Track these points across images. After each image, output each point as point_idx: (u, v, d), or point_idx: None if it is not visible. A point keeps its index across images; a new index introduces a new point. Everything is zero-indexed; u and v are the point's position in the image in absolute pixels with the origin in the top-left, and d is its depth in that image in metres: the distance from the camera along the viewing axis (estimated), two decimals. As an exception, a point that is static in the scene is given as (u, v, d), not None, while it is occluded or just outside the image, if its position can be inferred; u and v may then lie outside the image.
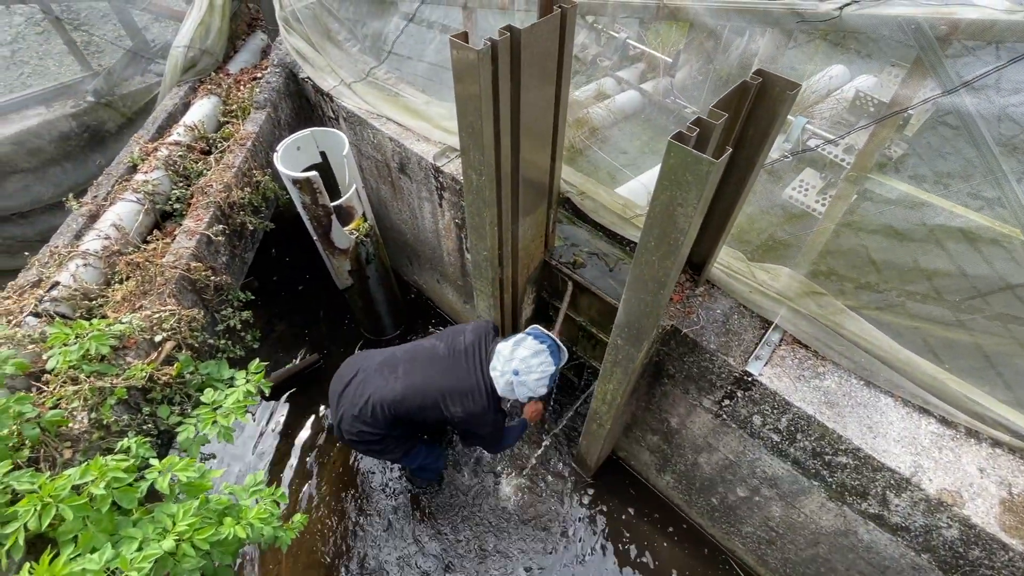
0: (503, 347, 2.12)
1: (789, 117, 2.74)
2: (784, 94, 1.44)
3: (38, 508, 1.40)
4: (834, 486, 1.96)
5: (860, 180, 1.81)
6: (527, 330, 2.20)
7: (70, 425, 1.78)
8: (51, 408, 1.78)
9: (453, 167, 2.73)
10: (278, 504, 1.88)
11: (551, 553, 3.00)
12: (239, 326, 2.60)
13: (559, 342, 2.17)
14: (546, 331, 2.19)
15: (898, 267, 1.97)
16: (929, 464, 1.70)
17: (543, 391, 2.11)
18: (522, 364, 2.06)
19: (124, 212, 2.51)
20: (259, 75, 3.45)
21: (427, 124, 2.83)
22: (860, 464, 1.79)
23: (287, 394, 3.68)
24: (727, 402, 2.14)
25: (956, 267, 1.79)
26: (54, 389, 1.83)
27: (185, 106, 3.27)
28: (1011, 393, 1.73)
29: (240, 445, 3.42)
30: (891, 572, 2.01)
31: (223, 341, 2.51)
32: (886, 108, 1.62)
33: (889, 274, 1.98)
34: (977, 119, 1.42)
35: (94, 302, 2.19)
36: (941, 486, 1.65)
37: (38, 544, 1.58)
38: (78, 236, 2.42)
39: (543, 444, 3.38)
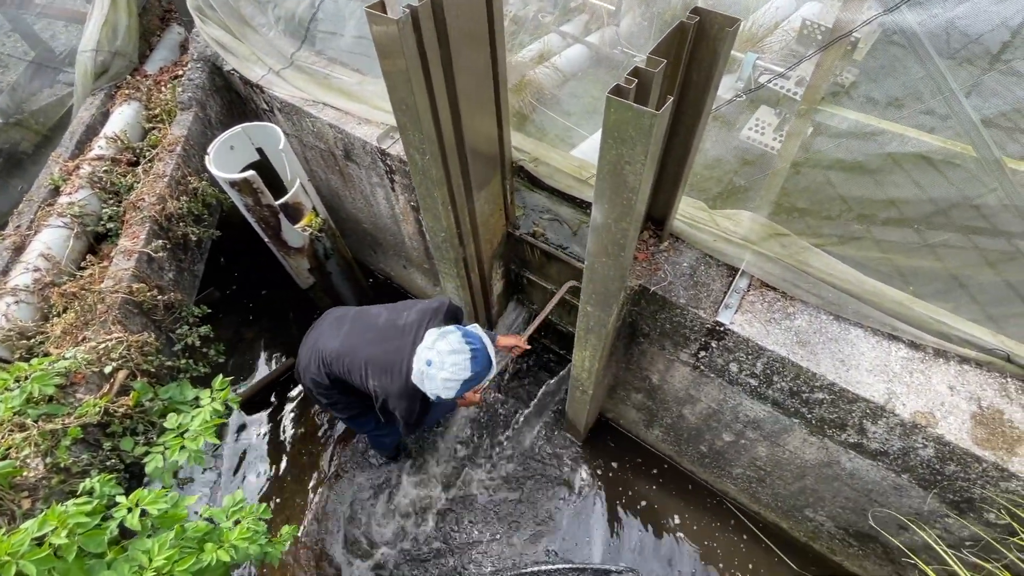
0: (431, 333, 1.94)
1: (739, 54, 2.66)
2: (724, 31, 1.37)
3: (-4, 569, 1.32)
4: (814, 421, 1.99)
5: (811, 113, 1.76)
6: (469, 326, 2.01)
7: (25, 474, 1.68)
8: (1, 459, 1.68)
9: (399, 148, 2.60)
10: (263, 520, 1.83)
11: (556, 511, 3.04)
12: (198, 343, 2.48)
13: (493, 356, 1.94)
14: (486, 338, 1.96)
15: (858, 199, 1.95)
16: (901, 389, 1.72)
17: (449, 395, 1.88)
18: (436, 356, 1.85)
19: (52, 239, 2.34)
20: (180, 73, 3.21)
21: (364, 105, 2.68)
22: (836, 398, 1.81)
23: (268, 400, 3.59)
24: (703, 354, 2.13)
25: (914, 192, 1.78)
26: (1, 439, 1.72)
27: (104, 116, 3.03)
28: (979, 309, 1.74)
29: (233, 457, 3.34)
30: (875, 494, 2.08)
31: (183, 361, 2.40)
32: (829, 36, 1.56)
33: (850, 207, 1.96)
34: (923, 37, 1.37)
35: (33, 340, 2.05)
36: (914, 409, 1.68)
37: (9, 602, 1.51)
38: (5, 272, 2.25)
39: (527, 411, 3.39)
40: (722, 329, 1.94)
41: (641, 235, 2.19)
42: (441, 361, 1.84)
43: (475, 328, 2.00)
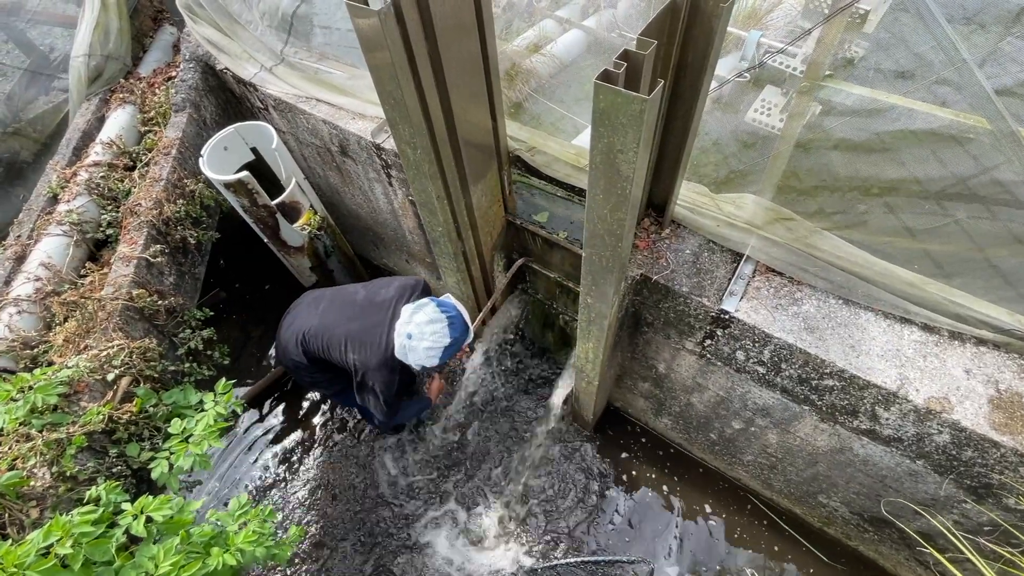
0: (406, 308, 2.04)
1: (741, 32, 2.56)
2: (718, 7, 1.30)
3: (4, 580, 1.33)
4: (824, 409, 1.94)
5: (814, 89, 1.69)
6: (439, 298, 2.10)
7: (31, 484, 1.69)
8: (7, 470, 1.69)
9: (393, 142, 2.56)
10: (269, 522, 1.83)
11: (561, 499, 3.04)
12: (202, 346, 2.49)
13: (467, 319, 2.06)
14: (459, 305, 2.08)
15: (866, 179, 1.88)
16: (915, 374, 1.66)
17: (433, 363, 2.00)
18: (416, 329, 1.96)
19: (52, 248, 2.34)
20: (173, 74, 3.19)
21: (357, 100, 2.63)
22: (847, 385, 1.76)
23: (271, 401, 3.60)
24: (708, 342, 2.09)
25: (925, 169, 1.70)
26: (7, 449, 1.74)
27: (100, 121, 3.02)
28: (994, 289, 1.67)
29: (238, 463, 3.37)
30: (889, 480, 2.03)
31: (187, 364, 2.41)
32: (833, 7, 1.48)
33: (858, 187, 1.89)
34: (931, 3, 1.29)
35: (36, 350, 2.06)
36: (928, 394, 1.63)
37: (21, 611, 1.52)
38: (7, 282, 2.26)
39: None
40: (727, 317, 1.89)
41: (641, 222, 2.14)
42: (421, 332, 1.95)
43: (448, 297, 2.10)
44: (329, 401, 3.54)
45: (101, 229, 2.49)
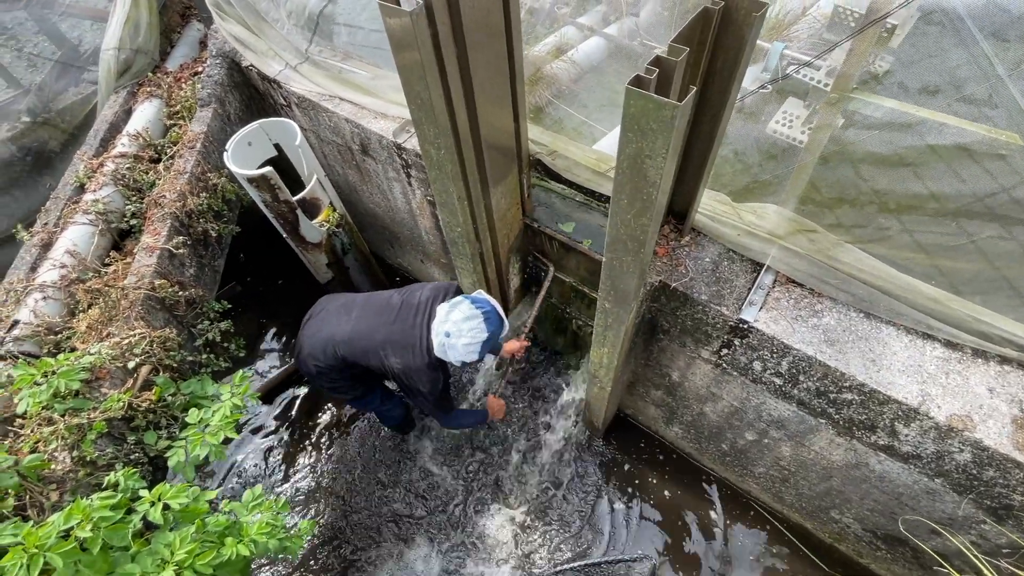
0: (442, 308, 2.07)
1: (764, 43, 2.56)
2: (750, 16, 1.30)
3: (25, 561, 1.35)
4: (841, 422, 1.92)
5: (842, 101, 1.68)
6: (472, 295, 2.13)
7: (52, 467, 1.72)
8: (29, 452, 1.72)
9: (414, 142, 2.58)
10: (282, 515, 1.85)
11: (567, 504, 3.03)
12: (219, 338, 2.51)
13: (501, 313, 2.09)
14: (493, 300, 2.10)
15: (892, 193, 1.86)
16: (936, 391, 1.64)
17: (473, 358, 2.04)
18: (453, 327, 1.99)
19: (77, 236, 2.38)
20: (200, 69, 3.24)
21: (380, 100, 2.66)
22: (866, 399, 1.74)
23: (287, 395, 3.63)
24: (725, 351, 2.07)
25: (953, 185, 1.68)
26: (30, 432, 1.77)
27: (127, 113, 3.07)
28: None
29: (253, 452, 3.40)
30: (905, 498, 2.00)
31: (205, 356, 2.43)
32: (863, 20, 1.48)
33: (883, 200, 1.87)
34: (965, 17, 1.28)
35: (60, 335, 2.10)
36: (950, 412, 1.60)
37: (39, 591, 1.55)
38: (33, 268, 2.31)
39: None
40: (746, 327, 1.88)
41: (661, 229, 2.13)
42: (458, 329, 1.98)
43: (480, 293, 2.13)
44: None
45: (125, 219, 2.53)
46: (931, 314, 1.71)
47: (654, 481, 3.12)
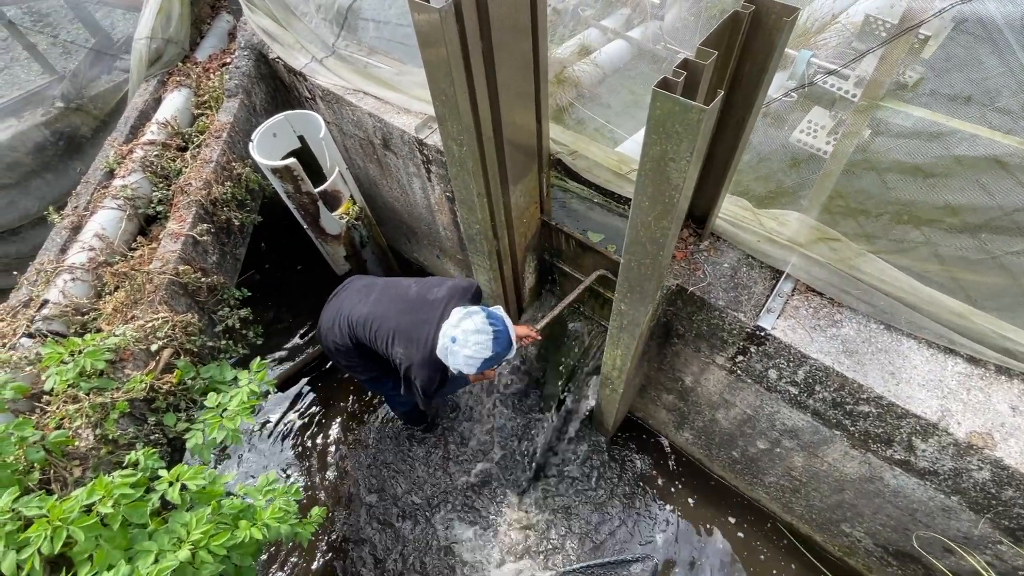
0: (456, 312, 2.01)
1: (791, 51, 2.53)
2: (781, 21, 1.29)
3: (49, 532, 1.40)
4: (857, 435, 1.89)
5: (871, 109, 1.65)
6: (492, 308, 2.08)
7: (76, 444, 1.77)
8: (55, 429, 1.78)
9: (436, 138, 2.60)
10: (294, 500, 1.88)
11: (574, 506, 3.03)
12: (238, 325, 2.56)
13: (513, 339, 2.03)
14: (508, 321, 2.04)
15: (918, 204, 1.82)
16: (957, 407, 1.61)
17: (472, 371, 1.98)
18: (461, 335, 1.93)
19: (106, 220, 2.44)
20: (228, 60, 3.29)
21: (403, 95, 2.68)
22: (883, 412, 1.71)
23: (303, 384, 3.69)
24: (741, 358, 2.06)
25: (983, 199, 1.64)
26: (56, 409, 1.82)
27: (156, 102, 3.14)
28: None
29: (267, 440, 3.46)
30: (920, 514, 1.97)
31: (224, 342, 2.48)
32: (897, 29, 1.45)
33: (909, 212, 1.84)
34: (1003, 27, 1.26)
35: (87, 316, 2.15)
36: (971, 428, 1.58)
37: (60, 562, 1.60)
38: (63, 250, 2.37)
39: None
40: (763, 334, 1.86)
41: (680, 233, 2.12)
42: (465, 339, 1.92)
43: (498, 310, 2.07)
44: (358, 388, 3.60)
45: (152, 205, 2.59)
46: (954, 328, 1.68)
47: (661, 484, 3.11)
